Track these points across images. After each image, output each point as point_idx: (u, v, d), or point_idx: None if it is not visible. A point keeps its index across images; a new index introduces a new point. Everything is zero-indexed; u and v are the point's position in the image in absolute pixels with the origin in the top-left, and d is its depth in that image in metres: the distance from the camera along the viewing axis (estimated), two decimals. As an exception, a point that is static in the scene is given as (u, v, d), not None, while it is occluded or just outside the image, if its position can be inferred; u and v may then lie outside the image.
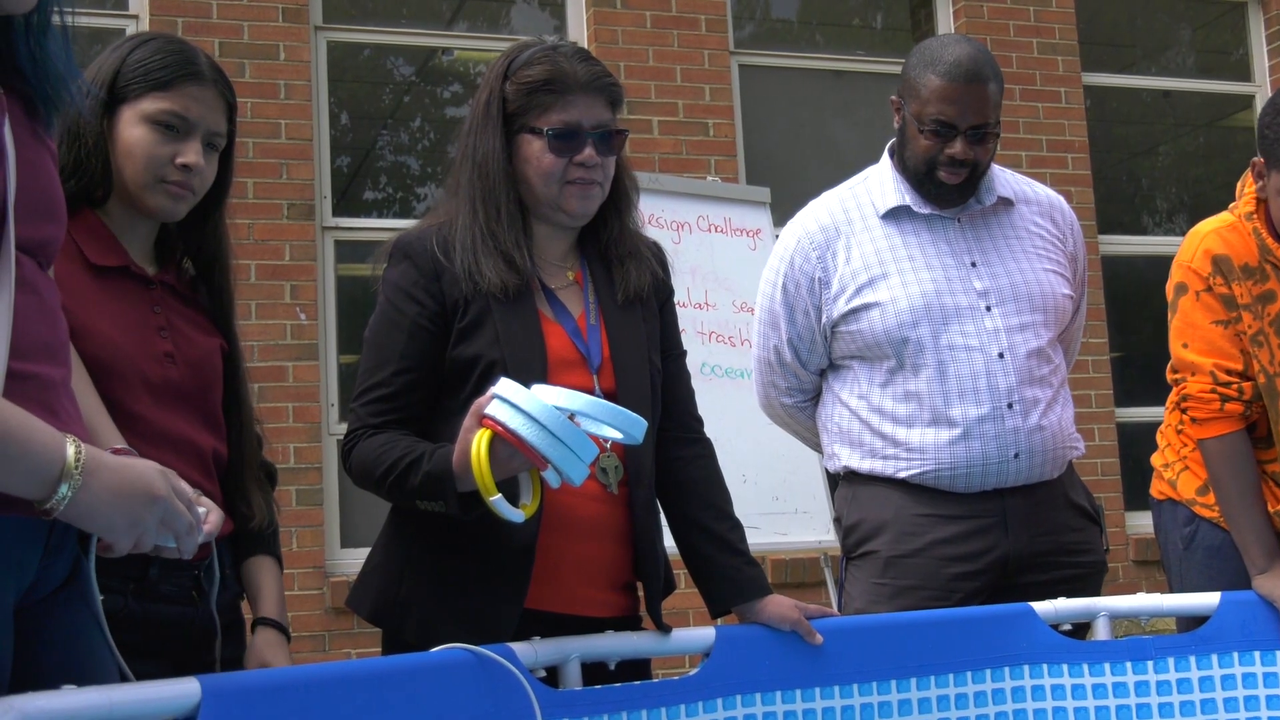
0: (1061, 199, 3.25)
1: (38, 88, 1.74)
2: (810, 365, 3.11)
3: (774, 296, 3.10)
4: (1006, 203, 3.10)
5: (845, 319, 2.99)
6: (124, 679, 1.78)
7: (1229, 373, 2.98)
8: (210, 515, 1.79)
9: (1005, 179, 3.15)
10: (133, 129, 2.24)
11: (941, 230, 3.03)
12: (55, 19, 1.75)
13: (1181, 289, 3.06)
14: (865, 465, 3.00)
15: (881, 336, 2.94)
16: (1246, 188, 3.06)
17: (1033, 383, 2.95)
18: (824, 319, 3.03)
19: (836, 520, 3.13)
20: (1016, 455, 2.91)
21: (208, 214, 2.39)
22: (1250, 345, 2.98)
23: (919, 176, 3.00)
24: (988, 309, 2.96)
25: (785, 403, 3.19)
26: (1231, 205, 3.10)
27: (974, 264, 3.01)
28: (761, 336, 3.15)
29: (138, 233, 2.32)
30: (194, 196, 2.30)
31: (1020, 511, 2.92)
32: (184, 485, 1.69)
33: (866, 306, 2.96)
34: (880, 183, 3.09)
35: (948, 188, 2.98)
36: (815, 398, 3.18)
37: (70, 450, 1.57)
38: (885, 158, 3.13)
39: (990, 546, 2.89)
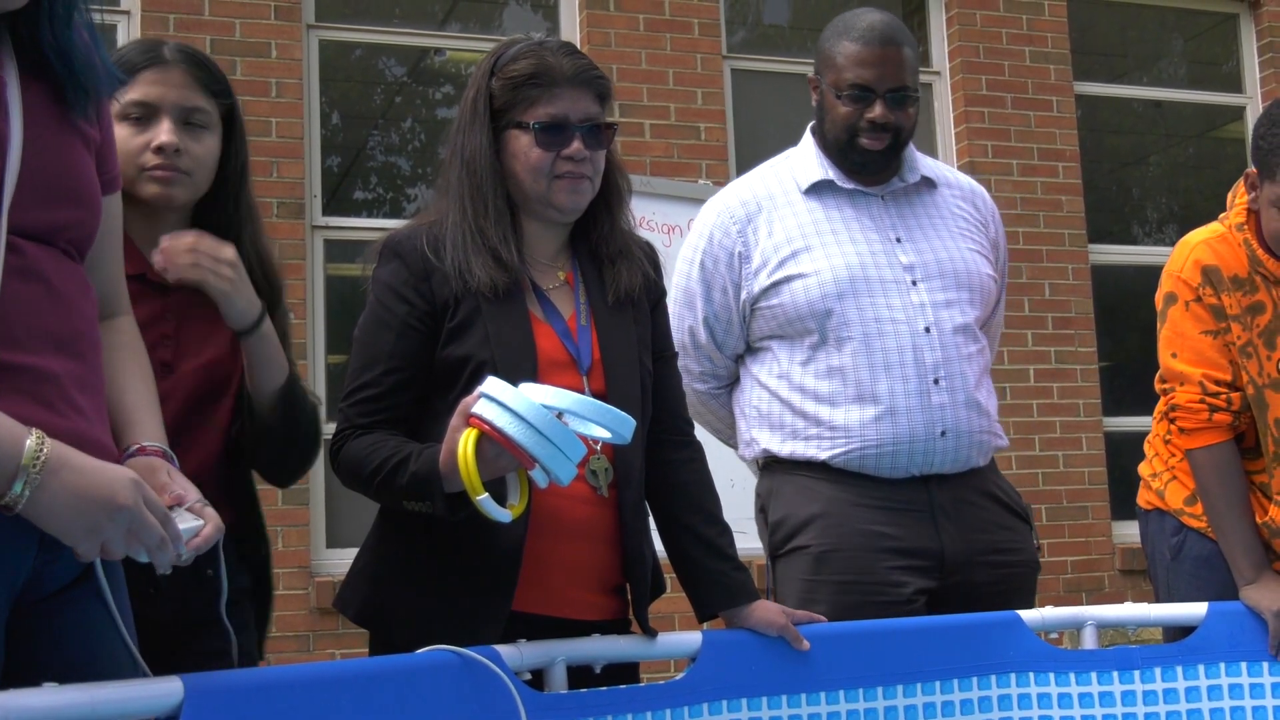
0: (982, 188, 3.22)
1: (65, 75, 1.75)
2: (726, 348, 3.02)
3: (690, 275, 3.03)
4: (929, 183, 3.07)
5: (767, 293, 2.92)
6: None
7: (1217, 383, 2.98)
8: (205, 529, 1.76)
9: (927, 162, 3.12)
10: None
11: (865, 206, 2.99)
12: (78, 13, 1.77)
13: (1171, 299, 3.06)
14: (787, 449, 2.91)
15: (805, 309, 2.88)
16: (1237, 199, 3.06)
17: (959, 359, 2.90)
18: (744, 295, 2.96)
19: (760, 513, 3.01)
20: (943, 433, 2.85)
21: (220, 197, 2.40)
22: (1239, 356, 2.98)
23: (841, 146, 2.95)
24: (913, 283, 2.92)
25: (698, 389, 3.08)
26: (1222, 216, 3.10)
27: (898, 239, 2.96)
28: (677, 318, 3.04)
29: (155, 234, 2.32)
30: (187, 177, 2.32)
31: (947, 505, 2.86)
32: (156, 498, 1.65)
33: (789, 279, 2.90)
34: (803, 159, 3.05)
35: (871, 154, 2.94)
36: (730, 385, 3.10)
37: (29, 444, 1.54)
38: (807, 136, 3.09)
39: (923, 545, 2.82)
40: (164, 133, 2.28)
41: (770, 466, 2.98)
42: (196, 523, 1.74)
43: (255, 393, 2.36)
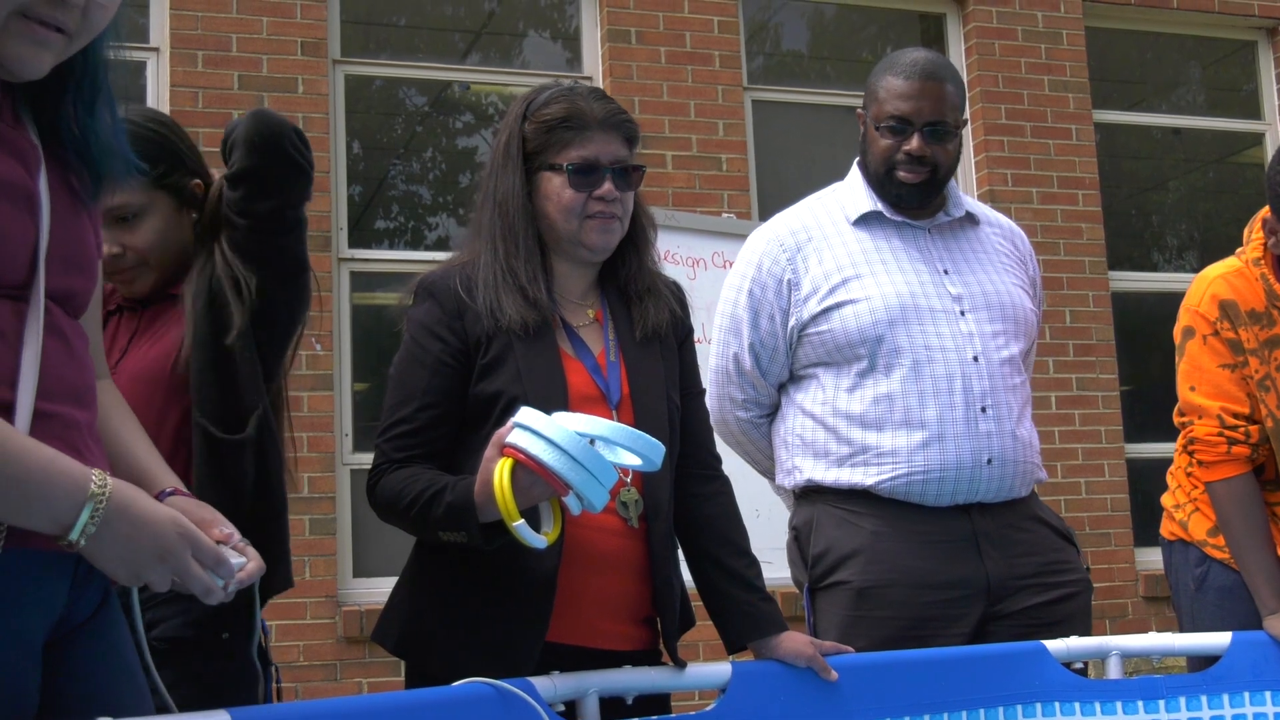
0: (1020, 229, 3.26)
1: (81, 163, 1.81)
2: (770, 375, 3.04)
3: (738, 302, 3.05)
4: (972, 219, 3.10)
5: (817, 319, 2.94)
6: (163, 708, 1.81)
7: (1236, 416, 3.01)
8: (249, 565, 1.81)
9: (969, 200, 3.15)
10: None
11: (912, 238, 3.02)
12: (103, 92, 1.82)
13: (1189, 333, 3.09)
14: (831, 476, 2.91)
15: (855, 335, 2.90)
16: (1254, 233, 3.08)
17: (1006, 389, 2.91)
18: (793, 322, 2.97)
19: (794, 543, 3.00)
20: (989, 461, 2.86)
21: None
22: (1257, 389, 3.00)
23: (879, 178, 2.99)
24: (961, 313, 2.94)
25: (740, 416, 3.10)
26: (1238, 250, 3.13)
27: (946, 271, 2.99)
28: (721, 345, 3.08)
29: None
30: (138, 269, 2.56)
31: (990, 532, 2.87)
32: (207, 540, 1.70)
33: (840, 305, 2.92)
34: (850, 191, 3.08)
35: (909, 188, 2.96)
36: (771, 415, 3.11)
37: (93, 487, 1.60)
38: (854, 169, 3.12)
39: (968, 575, 2.83)
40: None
41: (810, 496, 2.98)
42: (240, 560, 1.79)
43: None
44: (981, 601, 2.84)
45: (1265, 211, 3.05)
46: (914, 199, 3.00)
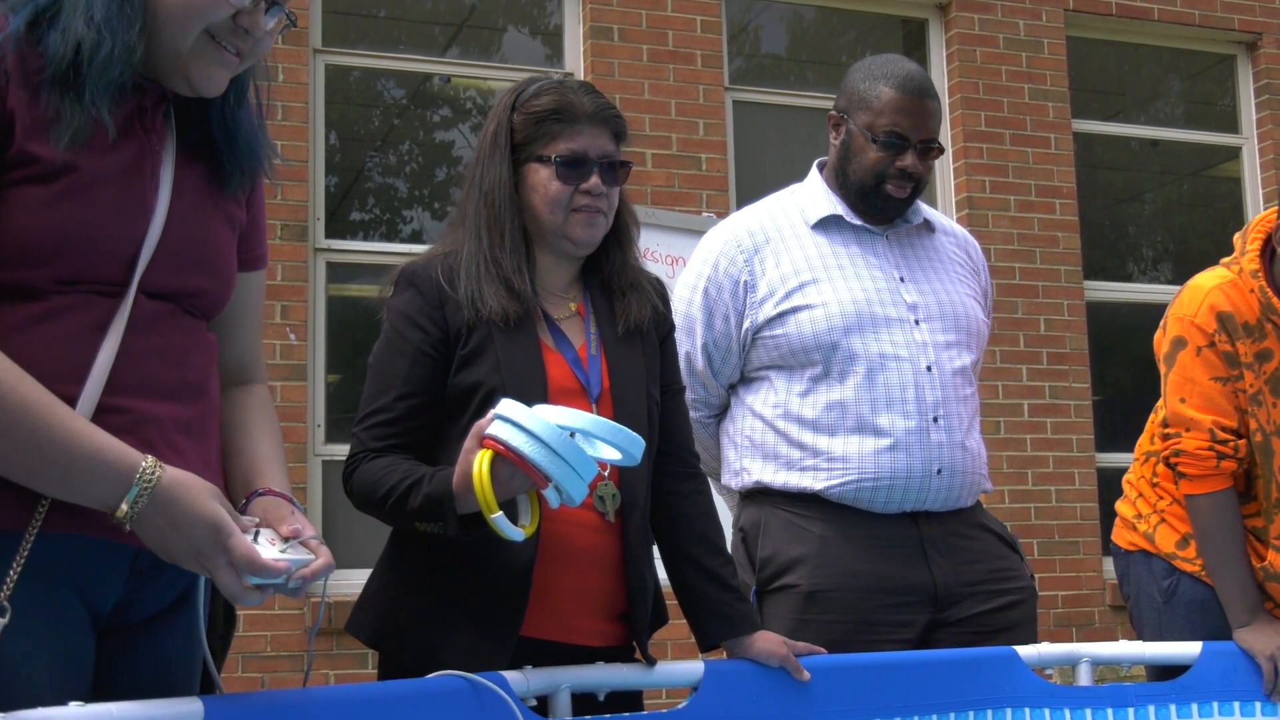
0: (974, 238, 3.27)
1: (228, 154, 1.90)
2: (721, 376, 3.03)
3: (692, 301, 3.02)
4: (929, 226, 3.11)
5: (772, 323, 2.93)
6: None
7: (1226, 430, 2.98)
8: (316, 563, 1.82)
9: (925, 206, 3.15)
10: None
11: (870, 244, 3.02)
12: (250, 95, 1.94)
13: (1180, 343, 3.03)
14: (780, 479, 2.91)
15: (810, 341, 2.89)
16: (1248, 243, 3.04)
17: (957, 400, 2.92)
18: (747, 324, 2.96)
19: (741, 545, 2.97)
20: (939, 471, 2.86)
21: None
22: (1249, 403, 2.98)
23: (865, 190, 2.97)
24: (916, 322, 2.94)
25: (690, 416, 3.04)
26: (1227, 261, 3.08)
27: (902, 279, 2.99)
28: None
29: None
30: None
31: (936, 540, 2.87)
32: (241, 549, 1.71)
33: (796, 310, 2.92)
34: (810, 195, 3.07)
35: (894, 201, 2.97)
36: (719, 415, 3.11)
37: (141, 472, 1.65)
38: (814, 173, 3.11)
39: (915, 581, 2.83)
40: None
41: (757, 498, 2.98)
42: (308, 556, 1.82)
43: None
44: (928, 608, 2.85)
45: (1271, 216, 3.02)
46: (895, 211, 3.01)
